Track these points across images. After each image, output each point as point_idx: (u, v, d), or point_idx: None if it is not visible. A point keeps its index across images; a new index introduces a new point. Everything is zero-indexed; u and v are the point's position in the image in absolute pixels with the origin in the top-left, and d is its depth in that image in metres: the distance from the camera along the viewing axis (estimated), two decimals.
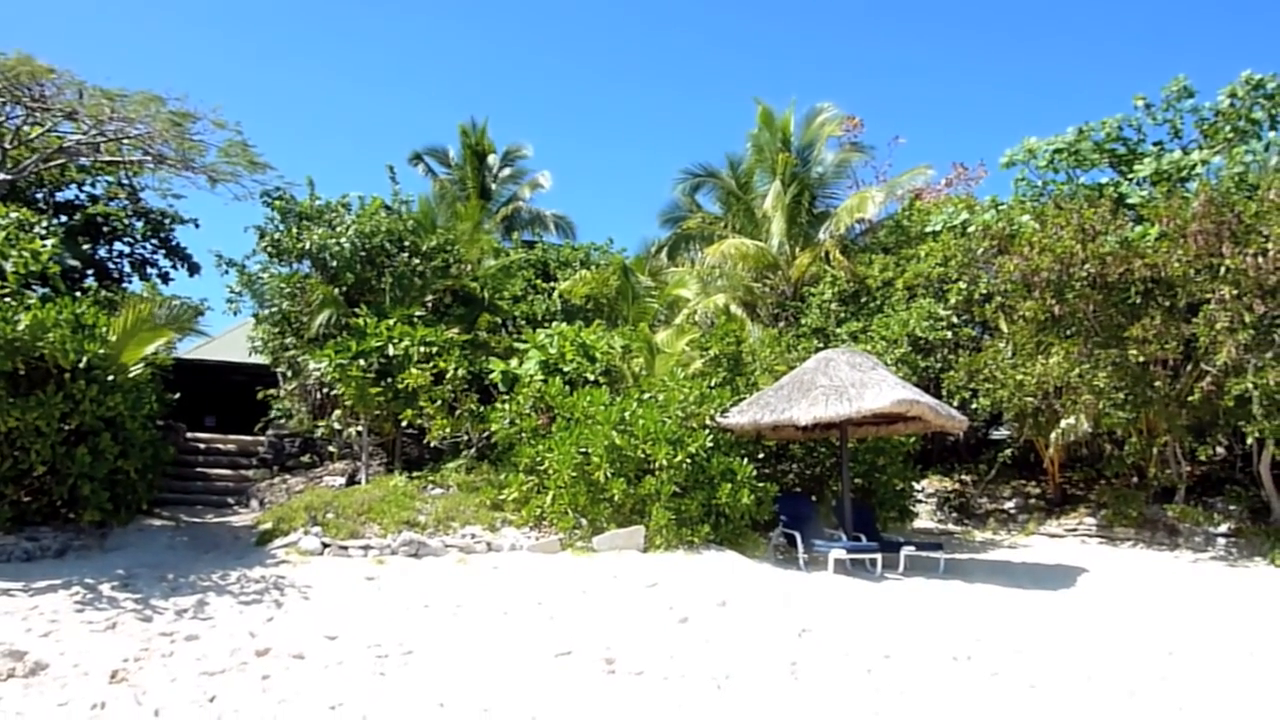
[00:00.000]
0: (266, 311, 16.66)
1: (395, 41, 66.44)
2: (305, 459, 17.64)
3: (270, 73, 63.88)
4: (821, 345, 18.11)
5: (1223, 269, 13.09)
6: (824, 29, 65.07)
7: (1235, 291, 12.83)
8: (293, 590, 9.10)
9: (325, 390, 15.76)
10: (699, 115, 69.39)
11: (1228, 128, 17.54)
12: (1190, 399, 13.55)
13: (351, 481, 15.35)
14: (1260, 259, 12.71)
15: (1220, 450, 16.41)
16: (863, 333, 18.92)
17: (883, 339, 18.17)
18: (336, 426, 15.82)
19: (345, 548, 10.89)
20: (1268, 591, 11.73)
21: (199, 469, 17.58)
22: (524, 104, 68.48)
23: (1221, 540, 14.68)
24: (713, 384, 14.02)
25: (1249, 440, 13.60)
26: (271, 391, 17.56)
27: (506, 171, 31.89)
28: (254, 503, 15.64)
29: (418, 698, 6.17)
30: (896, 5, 62.81)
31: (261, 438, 18.40)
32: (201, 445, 18.88)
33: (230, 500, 16.12)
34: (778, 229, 22.59)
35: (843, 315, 20.13)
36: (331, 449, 17.03)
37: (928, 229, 20.85)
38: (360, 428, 15.42)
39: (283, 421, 17.67)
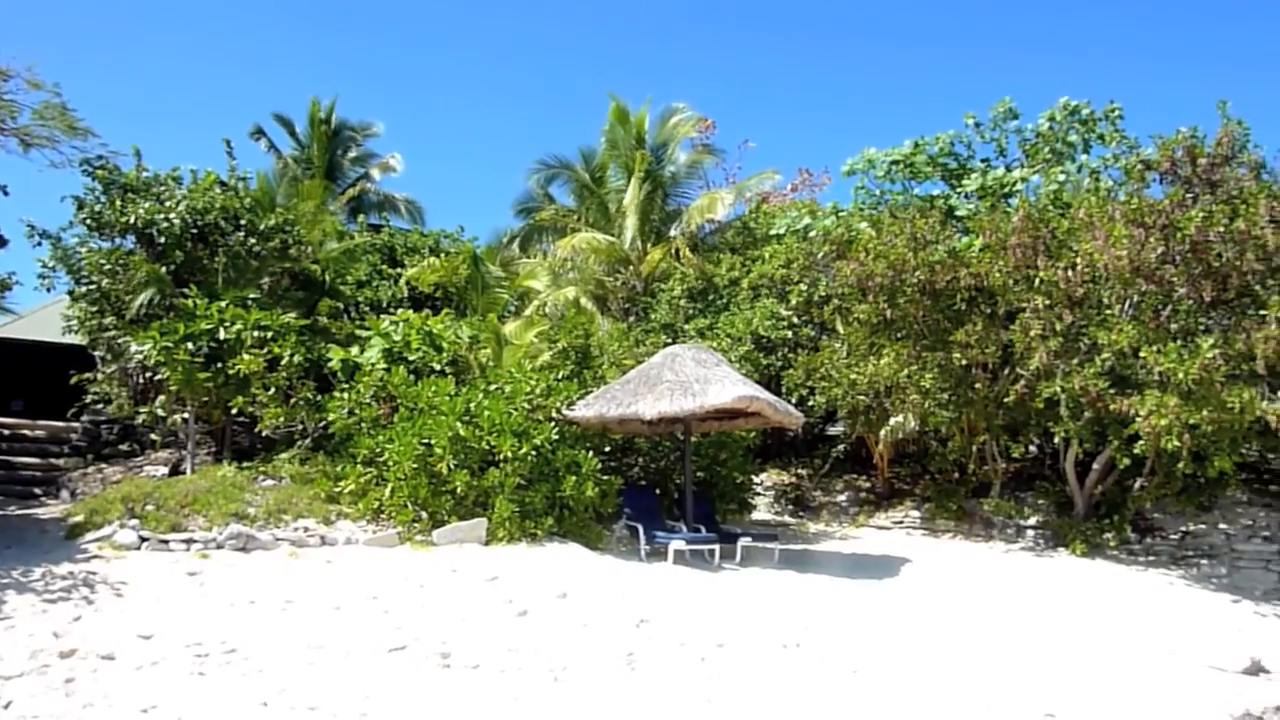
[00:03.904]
0: (84, 289, 15.46)
1: (238, 17, 63.12)
2: (124, 447, 16.49)
3: (104, 42, 59.53)
4: (670, 341, 18.35)
5: (1037, 280, 14.00)
6: (677, 29, 66.04)
7: (1047, 301, 13.77)
8: (105, 587, 8.54)
9: (148, 374, 14.78)
10: (553, 105, 69.09)
11: (1046, 149, 18.82)
12: (1006, 400, 14.45)
13: (176, 472, 14.49)
14: (1070, 272, 13.70)
15: (1032, 449, 17.54)
16: (709, 330, 19.29)
17: (728, 336, 18.58)
18: (160, 413, 14.86)
19: (166, 541, 10.28)
20: (1069, 579, 12.74)
21: (2, 457, 16.22)
22: (374, 85, 66.34)
23: (1030, 532, 15.79)
24: (560, 376, 13.98)
25: (1056, 440, 14.61)
26: (87, 375, 16.35)
27: (355, 152, 30.87)
28: (65, 494, 14.55)
29: (239, 697, 5.91)
30: (748, 11, 64.44)
31: (75, 424, 17.08)
32: (6, 431, 17.42)
33: (38, 491, 14.92)
34: (631, 224, 22.78)
35: (691, 312, 20.47)
36: (154, 437, 15.99)
37: (773, 232, 21.47)
38: (186, 415, 14.58)
39: (100, 407, 16.46)
